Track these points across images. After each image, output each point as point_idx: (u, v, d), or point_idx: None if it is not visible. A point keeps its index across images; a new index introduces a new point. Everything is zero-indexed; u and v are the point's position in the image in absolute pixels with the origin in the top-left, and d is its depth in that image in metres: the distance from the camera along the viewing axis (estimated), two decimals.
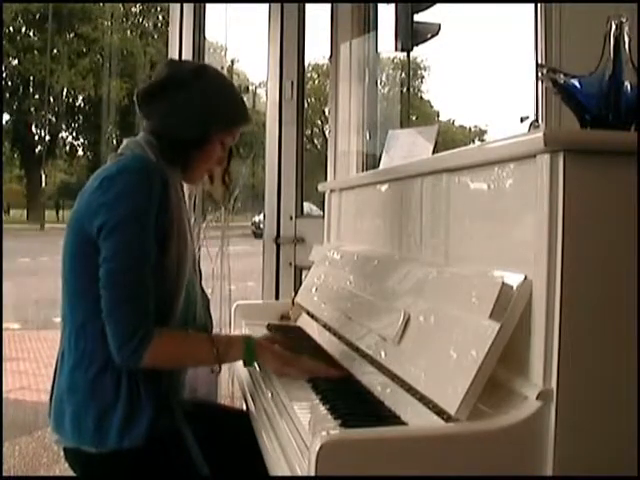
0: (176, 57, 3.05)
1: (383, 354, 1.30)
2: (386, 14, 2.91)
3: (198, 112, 1.47)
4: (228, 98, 1.53)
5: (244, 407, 1.56)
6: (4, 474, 2.76)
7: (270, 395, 1.39)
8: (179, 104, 1.47)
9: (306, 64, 2.93)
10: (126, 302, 1.32)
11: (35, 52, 17.49)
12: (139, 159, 1.41)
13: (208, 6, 3.11)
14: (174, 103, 1.47)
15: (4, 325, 4.63)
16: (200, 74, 1.50)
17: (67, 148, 19.12)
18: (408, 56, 3.44)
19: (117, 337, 1.31)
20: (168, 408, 1.38)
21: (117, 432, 1.33)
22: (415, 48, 3.01)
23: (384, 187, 1.73)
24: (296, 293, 2.18)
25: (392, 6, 2.90)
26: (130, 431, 1.33)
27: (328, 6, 2.82)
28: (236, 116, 1.55)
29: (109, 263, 1.33)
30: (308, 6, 2.89)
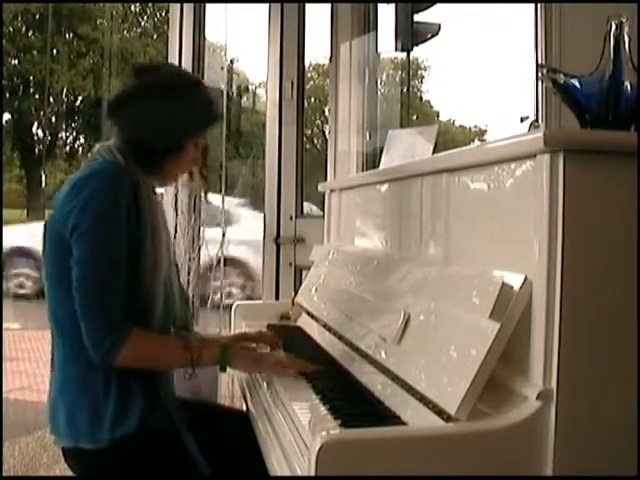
0: (176, 57, 3.06)
1: (383, 354, 1.30)
2: (386, 14, 2.90)
3: (171, 121, 1.48)
4: (200, 102, 1.53)
5: (244, 407, 1.56)
6: (4, 474, 2.76)
7: (270, 395, 1.39)
8: (151, 114, 1.47)
9: (306, 64, 2.93)
10: (98, 305, 1.34)
11: (35, 52, 17.49)
12: (109, 163, 1.42)
13: (208, 6, 3.11)
14: (146, 113, 1.47)
15: (4, 325, 4.62)
16: (170, 81, 1.50)
17: (67, 148, 19.12)
18: (408, 56, 3.43)
19: (91, 338, 1.34)
20: (160, 398, 1.40)
21: (110, 424, 1.34)
22: (415, 48, 3.00)
23: (384, 187, 1.73)
24: (296, 293, 2.18)
25: (392, 6, 2.90)
26: (123, 421, 1.35)
27: (328, 6, 2.82)
28: (208, 119, 1.56)
29: (80, 266, 1.35)
30: (308, 6, 2.89)
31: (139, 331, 1.37)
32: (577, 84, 1.16)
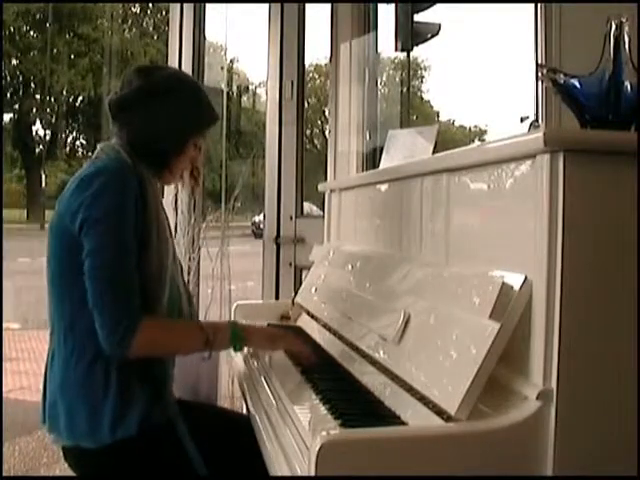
0: (176, 57, 3.06)
1: (383, 354, 1.30)
2: (386, 14, 2.91)
3: (174, 122, 1.52)
4: (200, 102, 1.58)
5: (244, 407, 1.56)
6: (4, 474, 2.76)
7: (270, 395, 1.39)
8: (155, 115, 1.50)
9: (306, 64, 2.93)
10: (110, 293, 1.35)
11: (35, 52, 17.50)
12: (115, 160, 1.44)
13: (208, 6, 3.11)
14: (150, 114, 1.50)
15: (4, 325, 4.63)
16: (171, 82, 1.55)
17: (67, 148, 19.12)
18: (408, 56, 3.44)
19: (104, 327, 1.34)
20: (159, 399, 1.41)
21: (110, 425, 1.34)
22: (415, 48, 3.01)
23: (384, 187, 1.73)
24: (296, 293, 2.18)
25: (392, 6, 2.90)
26: (122, 423, 1.35)
27: (328, 6, 2.82)
28: (209, 118, 1.61)
29: (92, 256, 1.36)
30: (308, 6, 2.89)
31: (153, 317, 1.38)
32: (577, 84, 1.16)
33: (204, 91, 1.62)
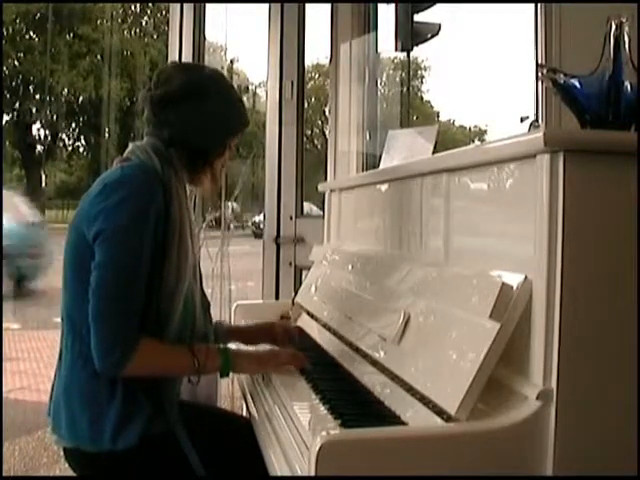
0: (176, 57, 3.06)
1: (383, 354, 1.30)
2: (386, 14, 2.90)
3: (219, 121, 1.50)
4: (239, 103, 1.57)
5: (244, 407, 1.56)
6: (4, 474, 2.76)
7: (270, 395, 1.39)
8: (200, 114, 1.46)
9: (306, 64, 2.93)
10: (112, 314, 1.32)
11: (35, 53, 17.49)
12: (143, 168, 1.40)
13: (208, 6, 3.11)
14: (195, 113, 1.46)
15: (4, 325, 4.63)
16: (213, 80, 1.51)
17: (67, 148, 19.11)
18: (408, 56, 3.44)
19: (99, 348, 1.31)
20: (163, 410, 1.39)
21: (111, 434, 1.33)
22: (415, 48, 3.01)
23: (384, 187, 1.73)
24: (296, 293, 2.18)
25: (392, 6, 2.90)
26: (124, 433, 1.33)
27: (328, 6, 2.82)
28: (245, 119, 1.58)
29: (100, 270, 1.33)
30: (308, 6, 2.89)
31: (147, 341, 1.35)
32: (577, 84, 1.16)
33: (237, 91, 1.60)
